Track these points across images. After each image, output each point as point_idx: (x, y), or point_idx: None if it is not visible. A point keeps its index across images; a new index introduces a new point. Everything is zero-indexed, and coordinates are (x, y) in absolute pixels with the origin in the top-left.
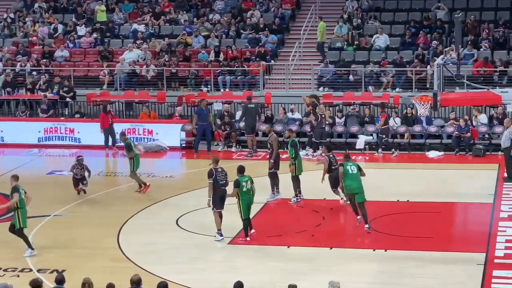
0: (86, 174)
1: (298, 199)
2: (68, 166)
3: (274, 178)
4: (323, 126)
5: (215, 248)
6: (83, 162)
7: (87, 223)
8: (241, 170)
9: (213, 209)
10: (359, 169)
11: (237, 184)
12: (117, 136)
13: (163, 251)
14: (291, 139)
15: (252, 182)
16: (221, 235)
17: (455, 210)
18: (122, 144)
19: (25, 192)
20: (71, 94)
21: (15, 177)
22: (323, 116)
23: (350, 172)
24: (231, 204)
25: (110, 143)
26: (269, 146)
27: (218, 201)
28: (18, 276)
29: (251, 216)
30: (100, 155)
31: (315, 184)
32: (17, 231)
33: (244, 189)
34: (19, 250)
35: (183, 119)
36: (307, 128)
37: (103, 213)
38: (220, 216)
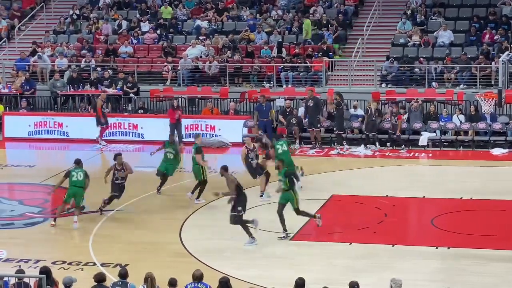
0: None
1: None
2: (131, 161)
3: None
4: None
5: (277, 244)
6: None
7: (150, 217)
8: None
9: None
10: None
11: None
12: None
13: (224, 246)
14: (282, 170)
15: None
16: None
17: None
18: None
19: None
20: (135, 90)
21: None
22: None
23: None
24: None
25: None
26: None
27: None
28: (82, 269)
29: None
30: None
31: (377, 181)
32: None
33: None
34: (83, 243)
35: (239, 115)
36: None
37: (167, 208)
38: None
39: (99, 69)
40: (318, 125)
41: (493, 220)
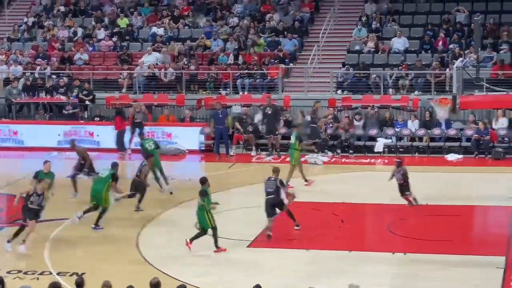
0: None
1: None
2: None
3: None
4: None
5: (235, 251)
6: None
7: (107, 225)
8: (203, 181)
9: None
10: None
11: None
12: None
13: (183, 254)
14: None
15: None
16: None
17: (475, 213)
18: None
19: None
20: (91, 97)
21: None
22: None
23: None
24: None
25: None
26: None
27: (267, 208)
28: (37, 279)
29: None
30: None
31: (334, 187)
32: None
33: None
34: (38, 252)
35: (196, 122)
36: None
37: (123, 216)
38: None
39: (54, 76)
40: (276, 132)
41: (449, 225)
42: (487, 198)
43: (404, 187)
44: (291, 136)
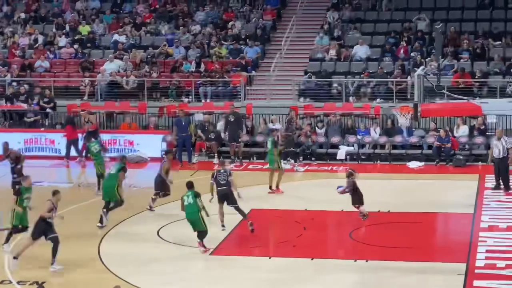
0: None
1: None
2: (48, 177)
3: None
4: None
5: (197, 259)
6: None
7: (67, 234)
8: (189, 185)
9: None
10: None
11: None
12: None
13: (145, 262)
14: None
15: (196, 197)
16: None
17: (436, 221)
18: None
19: None
20: (52, 104)
21: None
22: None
23: None
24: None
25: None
26: None
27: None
28: None
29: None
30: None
31: (296, 194)
32: None
33: (185, 203)
34: None
35: (158, 130)
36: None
37: (84, 224)
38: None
39: (15, 84)
40: (239, 140)
41: (410, 232)
42: (448, 206)
43: (352, 199)
44: (268, 142)
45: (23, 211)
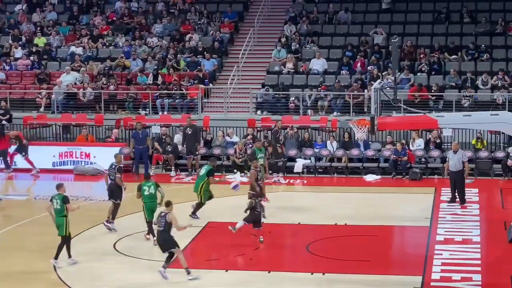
0: None
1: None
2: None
3: None
4: None
5: (152, 272)
6: None
7: (22, 247)
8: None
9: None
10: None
11: (139, 188)
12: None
13: (100, 275)
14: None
15: (157, 187)
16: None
17: (392, 234)
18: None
19: None
20: (7, 116)
21: None
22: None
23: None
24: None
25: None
26: None
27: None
28: None
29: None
30: (28, 178)
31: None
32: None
33: (146, 193)
34: None
35: (118, 142)
36: None
37: (38, 237)
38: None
39: None
40: (196, 153)
41: (367, 245)
42: (404, 219)
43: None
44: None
45: None
